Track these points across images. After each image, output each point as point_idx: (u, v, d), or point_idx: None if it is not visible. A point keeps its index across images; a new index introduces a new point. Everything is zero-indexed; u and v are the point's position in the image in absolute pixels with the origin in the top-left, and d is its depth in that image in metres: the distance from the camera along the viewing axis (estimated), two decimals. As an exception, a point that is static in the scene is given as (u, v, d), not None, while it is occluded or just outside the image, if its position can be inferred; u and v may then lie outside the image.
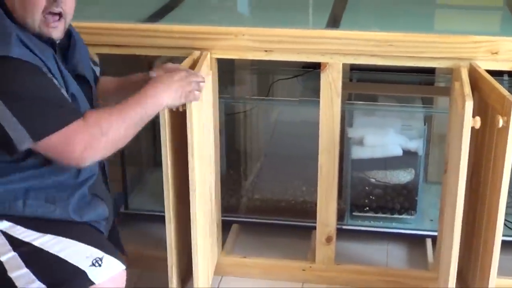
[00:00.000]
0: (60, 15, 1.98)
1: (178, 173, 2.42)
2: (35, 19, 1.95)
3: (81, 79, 2.10)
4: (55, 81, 1.93)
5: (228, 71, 3.26)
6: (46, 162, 1.97)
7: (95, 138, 1.90)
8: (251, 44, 2.54)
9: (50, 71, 1.93)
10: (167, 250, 2.48)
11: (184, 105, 2.22)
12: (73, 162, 1.92)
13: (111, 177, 2.89)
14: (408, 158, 3.05)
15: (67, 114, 1.90)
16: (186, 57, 2.48)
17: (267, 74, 3.39)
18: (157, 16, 2.81)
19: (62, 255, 1.93)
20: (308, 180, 3.12)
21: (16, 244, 1.95)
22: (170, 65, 2.27)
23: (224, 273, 2.88)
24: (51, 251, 1.94)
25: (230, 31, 2.55)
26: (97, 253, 1.96)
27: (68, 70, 2.04)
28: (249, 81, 3.45)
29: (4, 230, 1.97)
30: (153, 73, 2.22)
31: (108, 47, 2.62)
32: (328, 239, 2.78)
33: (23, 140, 1.86)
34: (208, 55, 2.54)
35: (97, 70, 2.33)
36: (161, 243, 2.58)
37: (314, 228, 2.80)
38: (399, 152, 3.04)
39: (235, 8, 3.21)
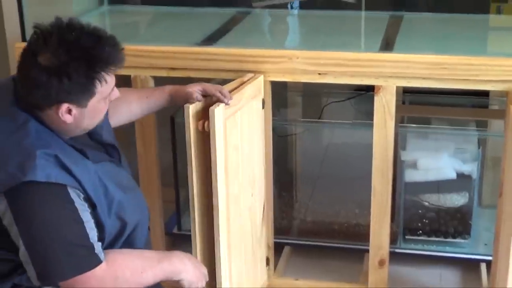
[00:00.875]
0: None
1: (208, 194, 2.39)
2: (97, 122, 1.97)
3: (108, 145, 2.09)
4: (81, 209, 1.86)
5: (280, 93, 3.28)
6: None
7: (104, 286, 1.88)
8: (304, 67, 2.56)
9: (84, 189, 1.87)
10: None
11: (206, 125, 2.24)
12: None
13: (164, 198, 2.95)
14: (462, 181, 3.03)
15: (80, 262, 1.84)
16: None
17: (319, 96, 3.40)
18: (211, 39, 2.85)
19: None
20: (361, 202, 3.11)
21: None
22: (208, 85, 2.29)
23: (276, 295, 2.89)
24: None
25: (284, 54, 2.57)
26: None
27: (96, 142, 2.05)
28: (301, 104, 3.46)
29: None
30: (199, 97, 2.26)
31: (164, 70, 2.66)
32: (381, 263, 2.76)
33: (32, 277, 1.84)
34: (262, 78, 2.56)
35: None
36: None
37: (367, 251, 2.79)
38: (453, 175, 3.02)
39: (288, 31, 3.23)
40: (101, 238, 1.93)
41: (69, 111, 1.86)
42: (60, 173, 1.82)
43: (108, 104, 1.95)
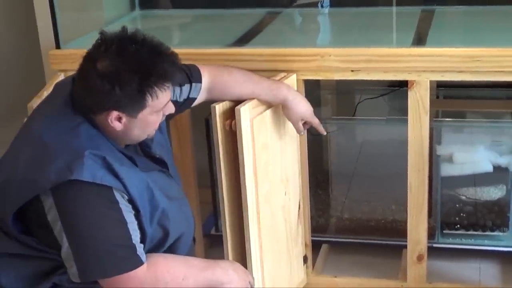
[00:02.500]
0: None
1: (239, 193, 2.40)
2: (149, 134, 2.00)
3: (156, 159, 2.11)
4: (125, 210, 1.90)
5: (314, 92, 3.29)
6: None
7: None
8: (337, 64, 2.56)
9: (128, 192, 1.90)
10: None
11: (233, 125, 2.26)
12: None
13: (201, 199, 2.96)
14: (498, 174, 3.01)
15: (122, 262, 1.87)
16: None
17: (352, 94, 3.40)
18: (243, 40, 2.86)
19: None
20: (397, 198, 3.10)
21: None
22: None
23: (315, 293, 2.89)
24: None
25: (316, 52, 2.58)
26: None
27: (145, 154, 2.08)
28: (335, 101, 3.46)
29: None
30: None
31: (198, 73, 2.67)
32: (419, 258, 2.76)
33: (72, 274, 1.88)
34: (294, 77, 2.57)
35: (190, 89, 2.30)
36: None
37: (405, 247, 2.79)
38: (489, 168, 3.00)
39: (319, 29, 3.23)
40: (142, 242, 1.95)
41: (119, 119, 1.90)
42: (106, 175, 1.86)
43: (161, 117, 1.98)
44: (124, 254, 1.88)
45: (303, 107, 2.42)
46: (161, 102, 1.92)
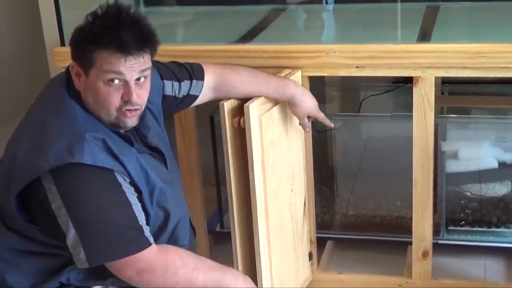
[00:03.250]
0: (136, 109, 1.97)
1: (246, 190, 2.39)
2: (110, 114, 1.94)
3: (152, 148, 2.10)
4: (128, 192, 1.90)
5: (318, 88, 3.28)
6: None
7: (153, 273, 1.90)
8: (342, 61, 2.56)
9: (129, 174, 1.90)
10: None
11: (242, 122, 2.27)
12: (123, 278, 1.92)
13: (206, 196, 2.97)
14: (504, 170, 3.01)
15: (129, 243, 1.87)
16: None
17: (357, 90, 3.40)
18: (248, 37, 2.86)
19: None
20: (402, 195, 3.10)
21: None
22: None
23: (320, 289, 2.90)
24: None
25: (321, 49, 2.58)
26: None
27: (141, 142, 2.07)
28: (339, 98, 3.46)
29: None
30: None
31: (202, 69, 2.67)
32: (424, 254, 2.76)
33: (80, 261, 1.86)
34: (299, 73, 2.57)
35: (193, 85, 2.31)
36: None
37: (410, 243, 2.79)
38: (494, 164, 3.00)
39: (324, 26, 3.23)
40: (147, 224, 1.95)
41: (78, 74, 1.93)
42: (107, 157, 1.86)
43: (118, 95, 1.92)
44: (131, 235, 1.87)
45: (309, 103, 2.43)
46: (106, 64, 1.89)
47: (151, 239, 1.91)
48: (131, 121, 1.97)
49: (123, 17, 1.91)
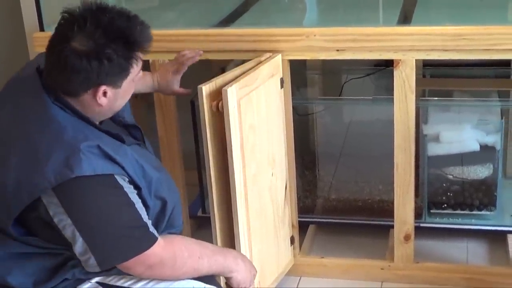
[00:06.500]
0: None
1: (226, 174, 2.39)
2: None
3: (131, 127, 2.11)
4: (129, 191, 1.89)
5: (300, 72, 3.27)
6: None
7: (163, 267, 1.91)
8: (323, 44, 2.55)
9: (127, 173, 1.89)
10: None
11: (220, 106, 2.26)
12: (134, 275, 1.93)
13: (187, 181, 2.95)
14: (485, 153, 3.01)
15: (138, 243, 1.87)
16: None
17: (338, 74, 3.39)
18: (228, 21, 2.84)
19: None
20: (384, 178, 3.10)
21: None
22: (172, 63, 2.42)
23: (302, 273, 2.89)
24: None
25: (301, 32, 2.56)
26: (198, 284, 2.00)
27: (118, 124, 2.08)
28: (321, 82, 3.45)
29: (100, 281, 1.97)
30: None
31: (181, 53, 2.65)
32: (406, 238, 2.76)
33: (90, 266, 1.86)
34: (280, 57, 2.56)
35: None
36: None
37: (392, 226, 2.79)
38: (476, 147, 3.00)
39: (305, 9, 3.21)
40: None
41: (105, 94, 1.88)
42: (105, 163, 1.84)
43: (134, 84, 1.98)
44: (138, 234, 1.87)
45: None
46: (140, 66, 1.93)
47: (156, 233, 1.91)
48: None
49: (130, 13, 1.90)
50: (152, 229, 1.90)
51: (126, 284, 1.97)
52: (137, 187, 1.93)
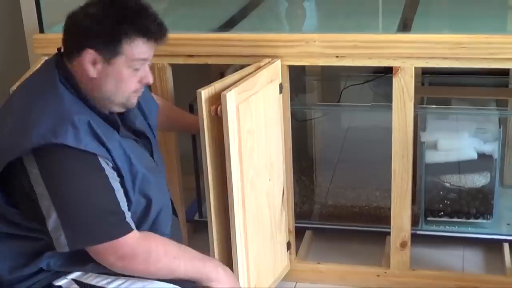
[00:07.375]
0: None
1: (224, 179, 2.39)
2: (124, 96, 1.97)
3: (140, 134, 2.11)
4: (111, 177, 1.88)
5: (299, 78, 3.27)
6: None
7: (135, 259, 1.89)
8: (322, 50, 2.55)
9: (112, 159, 1.89)
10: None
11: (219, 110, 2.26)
12: (105, 264, 1.92)
13: (185, 185, 2.95)
14: (483, 161, 3.01)
15: (111, 228, 1.86)
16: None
17: (337, 80, 3.39)
18: (228, 25, 2.85)
19: None
20: (382, 185, 3.10)
21: None
22: None
23: (298, 279, 2.89)
24: None
25: (301, 38, 2.56)
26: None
27: (126, 128, 2.06)
28: (319, 88, 3.45)
29: (76, 278, 1.97)
30: None
31: (182, 58, 2.66)
32: (403, 245, 2.76)
33: (60, 244, 1.85)
34: (279, 62, 2.56)
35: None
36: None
37: (388, 233, 2.79)
38: (474, 155, 3.01)
39: (305, 15, 3.22)
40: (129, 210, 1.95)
41: (94, 63, 1.90)
42: (91, 141, 1.84)
43: (137, 79, 1.97)
44: (113, 220, 1.86)
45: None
46: (137, 53, 1.92)
47: (133, 225, 1.90)
48: (137, 99, 2.03)
49: (141, 5, 1.95)
50: (129, 219, 1.89)
51: (101, 283, 1.96)
52: (120, 175, 1.93)
